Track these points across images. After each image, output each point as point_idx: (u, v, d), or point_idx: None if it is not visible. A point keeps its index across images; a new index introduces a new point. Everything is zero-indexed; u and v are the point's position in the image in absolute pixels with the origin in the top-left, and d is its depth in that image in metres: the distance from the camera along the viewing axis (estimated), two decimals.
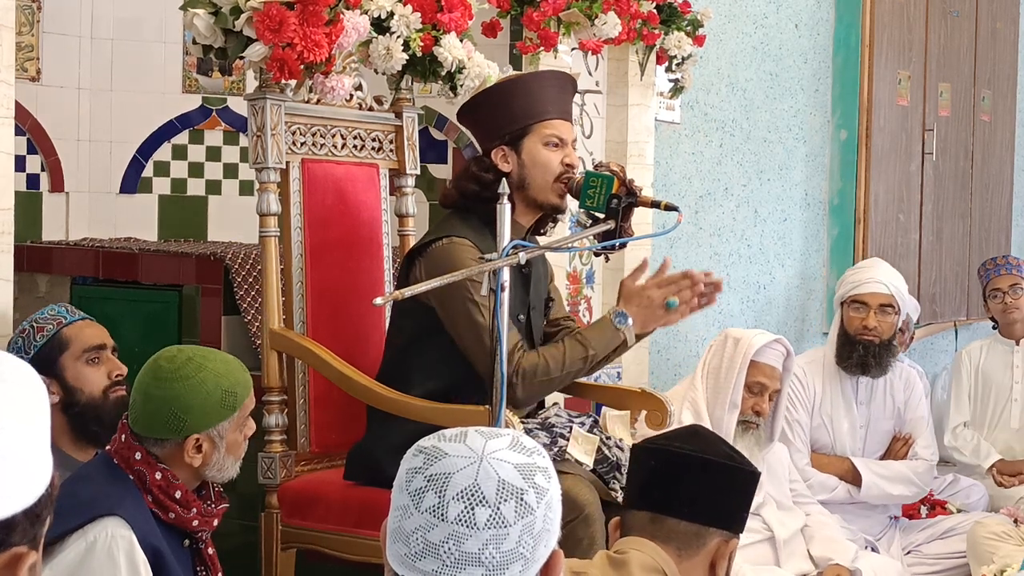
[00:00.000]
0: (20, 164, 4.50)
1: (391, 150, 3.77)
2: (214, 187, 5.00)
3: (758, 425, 3.99)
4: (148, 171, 4.95)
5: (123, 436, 2.59)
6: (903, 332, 5.33)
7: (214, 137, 5.00)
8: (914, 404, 4.62)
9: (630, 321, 3.20)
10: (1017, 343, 5.33)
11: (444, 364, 3.23)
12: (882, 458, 4.59)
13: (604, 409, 3.80)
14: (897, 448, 4.60)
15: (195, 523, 2.61)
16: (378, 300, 2.62)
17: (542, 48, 4.12)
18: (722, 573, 2.18)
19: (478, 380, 3.09)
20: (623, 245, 3.28)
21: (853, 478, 4.47)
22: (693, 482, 2.17)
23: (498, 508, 1.49)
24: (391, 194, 3.82)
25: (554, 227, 3.46)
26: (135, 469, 2.55)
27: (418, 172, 3.84)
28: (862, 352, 4.47)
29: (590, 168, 3.35)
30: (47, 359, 2.97)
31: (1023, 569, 3.56)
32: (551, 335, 3.45)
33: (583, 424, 3.30)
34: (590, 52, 4.34)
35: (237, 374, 2.62)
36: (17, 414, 1.22)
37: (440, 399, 3.16)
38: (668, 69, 4.66)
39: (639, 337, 3.27)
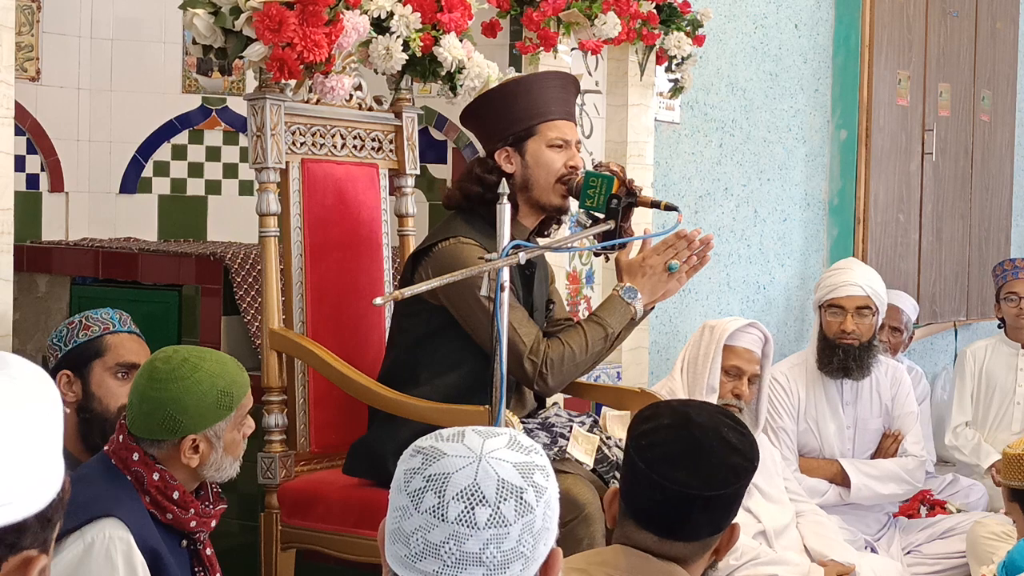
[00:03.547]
0: (20, 164, 4.50)
1: (391, 150, 3.77)
2: (214, 187, 5.00)
3: (741, 409, 3.99)
4: (148, 171, 4.95)
5: (121, 437, 2.59)
6: (901, 333, 5.33)
7: (214, 137, 5.00)
8: (902, 400, 4.60)
9: (639, 294, 3.24)
10: (1023, 347, 5.33)
11: (453, 363, 3.24)
12: (873, 456, 4.58)
13: (604, 409, 3.80)
14: (887, 446, 4.58)
15: (193, 524, 2.61)
16: (378, 300, 2.62)
17: (542, 48, 4.12)
18: (724, 555, 2.17)
19: (491, 377, 3.09)
20: (623, 245, 3.28)
21: (842, 480, 4.45)
22: (701, 513, 2.08)
23: (498, 507, 1.49)
24: (391, 194, 3.81)
25: (558, 229, 3.46)
26: (133, 470, 2.55)
27: (418, 172, 3.84)
28: (842, 356, 4.44)
29: (590, 168, 3.35)
30: (81, 358, 2.97)
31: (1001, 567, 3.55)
32: (552, 335, 3.45)
33: (583, 424, 3.30)
34: (590, 52, 4.34)
35: (233, 374, 2.61)
36: (30, 419, 1.22)
37: (450, 397, 3.17)
38: (668, 69, 4.66)
39: (647, 310, 3.30)
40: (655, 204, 3.26)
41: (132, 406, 2.59)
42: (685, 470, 2.05)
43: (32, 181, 4.68)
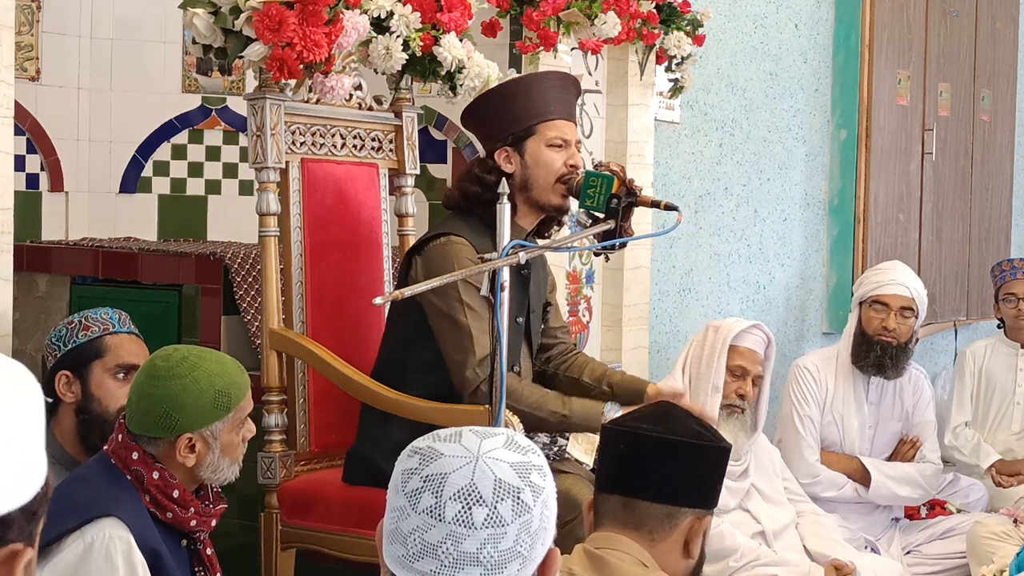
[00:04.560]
0: (20, 164, 4.51)
1: (391, 150, 3.77)
2: (214, 187, 5.01)
3: (743, 410, 4.01)
4: (148, 171, 4.95)
5: (120, 436, 2.59)
6: None
7: (214, 137, 5.01)
8: (922, 408, 4.65)
9: (619, 412, 3.07)
10: (1023, 347, 5.33)
11: (441, 364, 3.23)
12: (888, 460, 4.61)
13: None
14: (904, 451, 4.61)
15: (193, 523, 2.61)
16: (378, 300, 2.62)
17: (542, 48, 4.11)
18: (696, 550, 2.19)
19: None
20: (623, 245, 3.28)
21: (861, 477, 4.49)
22: (661, 464, 2.16)
23: (495, 507, 1.49)
24: (391, 194, 3.82)
25: (558, 231, 3.46)
26: (132, 469, 2.55)
27: (418, 172, 3.84)
28: (879, 352, 4.48)
29: (590, 168, 3.34)
30: (80, 358, 2.96)
31: (1015, 566, 3.56)
32: (547, 346, 3.46)
33: None
34: (590, 52, 4.34)
35: (232, 375, 2.60)
36: (13, 414, 1.22)
37: (437, 400, 3.16)
38: (668, 69, 4.66)
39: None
40: (655, 204, 3.25)
41: (131, 403, 2.59)
42: (651, 422, 2.21)
43: (32, 181, 4.69)
